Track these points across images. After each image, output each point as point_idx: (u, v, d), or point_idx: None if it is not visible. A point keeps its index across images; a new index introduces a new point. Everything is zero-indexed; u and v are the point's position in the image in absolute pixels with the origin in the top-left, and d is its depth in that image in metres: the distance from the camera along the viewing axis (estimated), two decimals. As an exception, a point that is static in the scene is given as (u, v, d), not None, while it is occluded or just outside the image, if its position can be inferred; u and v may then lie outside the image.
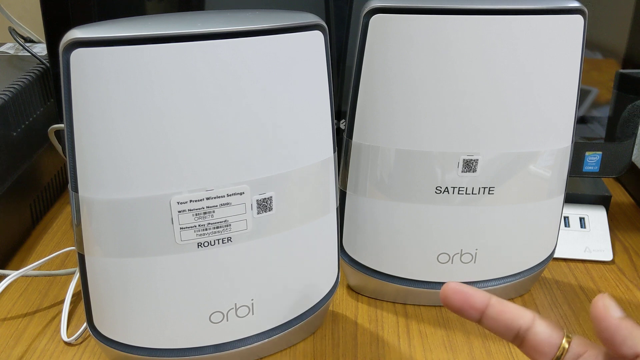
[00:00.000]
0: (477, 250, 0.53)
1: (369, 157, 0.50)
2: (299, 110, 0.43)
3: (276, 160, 0.42)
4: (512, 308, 0.32)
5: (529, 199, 0.52)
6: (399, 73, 0.47)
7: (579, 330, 0.53)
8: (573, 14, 0.47)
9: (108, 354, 0.46)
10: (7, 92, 0.62)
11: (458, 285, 0.32)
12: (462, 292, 0.32)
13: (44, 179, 0.69)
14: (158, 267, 0.42)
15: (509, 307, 0.32)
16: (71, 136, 0.38)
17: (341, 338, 0.52)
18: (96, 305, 0.44)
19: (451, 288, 0.32)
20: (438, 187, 0.50)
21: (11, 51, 0.76)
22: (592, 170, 0.65)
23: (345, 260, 0.55)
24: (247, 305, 0.46)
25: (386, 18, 0.46)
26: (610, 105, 0.63)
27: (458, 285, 0.32)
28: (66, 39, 0.36)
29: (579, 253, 0.63)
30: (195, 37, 0.38)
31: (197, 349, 0.46)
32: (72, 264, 0.60)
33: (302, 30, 0.41)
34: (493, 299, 0.32)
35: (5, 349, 0.50)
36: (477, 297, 0.32)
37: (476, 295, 0.32)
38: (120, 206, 0.40)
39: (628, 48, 0.61)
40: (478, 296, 0.32)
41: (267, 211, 0.43)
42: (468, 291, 0.32)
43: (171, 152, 0.39)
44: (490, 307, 0.32)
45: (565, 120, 0.50)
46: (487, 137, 0.49)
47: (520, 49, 0.46)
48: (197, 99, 0.39)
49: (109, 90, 0.37)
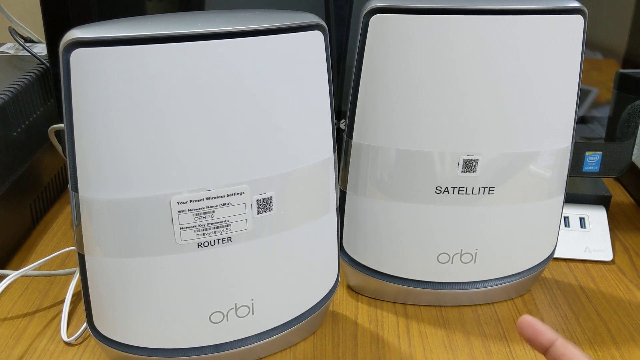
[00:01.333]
0: (477, 250, 0.53)
1: (369, 157, 0.50)
2: (299, 110, 0.43)
3: (276, 160, 0.42)
4: (572, 351, 0.36)
5: (529, 199, 0.52)
6: (399, 73, 0.47)
7: (579, 330, 0.53)
8: (573, 14, 0.47)
9: (108, 354, 0.46)
10: (7, 92, 0.62)
11: (532, 321, 0.37)
12: (534, 328, 0.37)
13: (44, 179, 0.69)
14: (158, 267, 0.42)
15: (570, 350, 0.36)
16: (71, 136, 0.38)
17: (341, 338, 0.52)
18: (96, 305, 0.44)
19: (526, 321, 0.37)
20: (438, 187, 0.50)
21: (11, 51, 0.76)
22: (592, 170, 0.65)
23: (345, 260, 0.55)
24: (247, 305, 0.46)
25: (386, 18, 0.46)
26: (610, 105, 0.63)
27: (532, 321, 0.37)
28: (66, 39, 0.36)
29: (579, 253, 0.63)
30: (195, 37, 0.38)
31: (197, 349, 0.46)
32: (72, 264, 0.60)
33: (302, 30, 0.41)
34: (559, 340, 0.36)
35: (5, 349, 0.50)
36: (544, 336, 0.37)
37: (545, 334, 0.37)
38: (120, 206, 0.40)
39: (628, 48, 0.61)
40: (546, 335, 0.37)
41: (267, 211, 0.43)
42: (539, 328, 0.37)
43: (171, 152, 0.39)
44: (554, 347, 0.36)
45: (565, 120, 0.50)
46: (487, 137, 0.49)
47: (520, 49, 0.46)
48: (197, 99, 0.39)
49: (109, 90, 0.37)
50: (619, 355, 0.50)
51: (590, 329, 0.53)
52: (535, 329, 0.37)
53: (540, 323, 0.37)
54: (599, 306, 0.56)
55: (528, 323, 0.38)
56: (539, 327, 0.37)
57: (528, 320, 0.38)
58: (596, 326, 0.54)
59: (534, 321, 0.37)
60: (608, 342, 0.52)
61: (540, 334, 0.37)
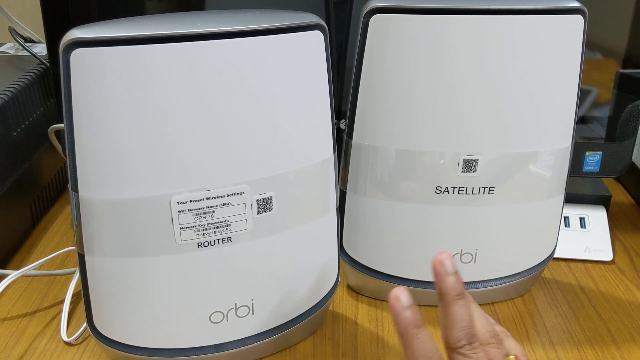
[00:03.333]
0: (477, 250, 0.53)
1: (369, 157, 0.50)
2: (299, 110, 0.43)
3: (276, 160, 0.42)
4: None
5: (529, 199, 0.52)
6: (399, 73, 0.47)
7: (579, 330, 0.53)
8: (573, 14, 0.47)
9: (108, 354, 0.46)
10: (7, 92, 0.62)
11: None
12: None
13: (44, 179, 0.69)
14: (158, 267, 0.42)
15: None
16: (71, 136, 0.38)
17: (341, 338, 0.52)
18: (96, 305, 0.44)
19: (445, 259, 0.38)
20: (438, 187, 0.50)
21: (11, 51, 0.76)
22: (592, 170, 0.65)
23: (345, 260, 0.55)
24: (247, 305, 0.46)
25: (386, 18, 0.46)
26: (610, 105, 0.63)
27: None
28: (66, 39, 0.36)
29: (579, 253, 0.63)
30: (195, 37, 0.38)
31: (197, 349, 0.46)
32: (72, 264, 0.60)
33: (302, 30, 0.41)
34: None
35: (5, 349, 0.50)
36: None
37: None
38: (120, 206, 0.40)
39: (628, 48, 0.61)
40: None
41: (267, 211, 0.43)
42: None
43: (171, 152, 0.39)
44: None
45: (565, 120, 0.50)
46: (487, 137, 0.48)
47: (520, 49, 0.46)
48: (197, 98, 0.39)
49: (109, 90, 0.37)
50: (619, 355, 0.50)
51: (590, 329, 0.53)
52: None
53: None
54: (599, 306, 0.56)
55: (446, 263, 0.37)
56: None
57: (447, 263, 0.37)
58: (596, 326, 0.54)
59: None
60: (608, 342, 0.52)
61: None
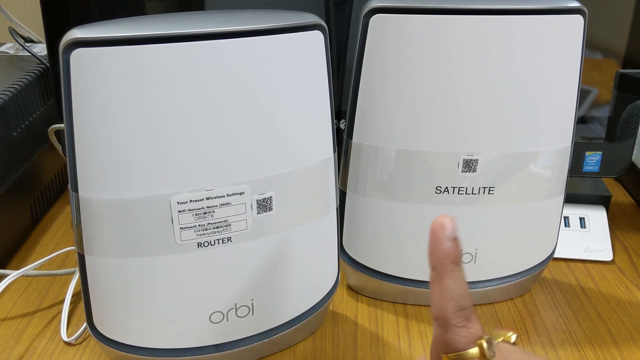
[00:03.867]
0: (477, 250, 0.53)
1: (369, 157, 0.50)
2: (299, 110, 0.43)
3: (276, 160, 0.42)
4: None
5: (529, 199, 0.52)
6: (399, 73, 0.47)
7: (579, 330, 0.53)
8: (573, 14, 0.47)
9: (108, 354, 0.46)
10: (7, 92, 0.62)
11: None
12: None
13: (44, 179, 0.69)
14: (158, 267, 0.42)
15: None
16: (71, 136, 0.38)
17: (341, 338, 0.52)
18: (96, 305, 0.44)
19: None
20: (438, 187, 0.50)
21: (11, 51, 0.76)
22: (592, 170, 0.65)
23: (345, 260, 0.55)
24: (247, 305, 0.46)
25: (386, 18, 0.46)
26: (610, 105, 0.63)
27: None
28: (66, 39, 0.36)
29: (579, 253, 0.63)
30: (195, 37, 0.38)
31: (197, 349, 0.45)
32: (72, 264, 0.60)
33: (302, 30, 0.41)
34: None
35: (5, 349, 0.50)
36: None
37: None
38: (120, 206, 0.40)
39: (628, 48, 0.61)
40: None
41: (267, 211, 0.43)
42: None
43: (171, 152, 0.39)
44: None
45: (565, 120, 0.50)
46: (487, 137, 0.48)
47: (520, 49, 0.46)
48: (197, 98, 0.39)
49: (109, 90, 0.37)
50: (619, 355, 0.50)
51: (590, 329, 0.53)
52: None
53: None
54: (599, 306, 0.56)
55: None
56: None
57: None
58: (596, 326, 0.54)
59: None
60: (608, 342, 0.52)
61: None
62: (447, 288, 0.33)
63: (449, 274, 0.33)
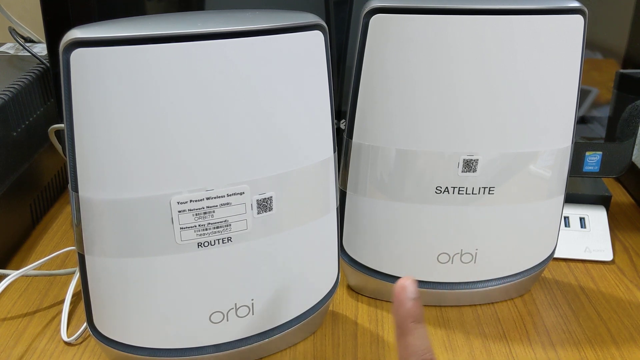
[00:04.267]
0: (477, 250, 0.53)
1: (369, 157, 0.50)
2: (299, 110, 0.43)
3: (276, 160, 0.42)
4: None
5: (529, 199, 0.52)
6: (399, 73, 0.47)
7: (579, 330, 0.53)
8: (573, 14, 0.47)
9: (108, 354, 0.46)
10: (7, 92, 0.62)
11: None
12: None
13: (44, 179, 0.69)
14: (158, 267, 0.42)
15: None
16: (71, 136, 0.38)
17: (341, 338, 0.52)
18: (96, 305, 0.44)
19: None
20: (438, 187, 0.50)
21: (11, 51, 0.76)
22: (592, 170, 0.65)
23: (345, 260, 0.55)
24: (247, 305, 0.46)
25: (386, 18, 0.46)
26: (610, 105, 0.63)
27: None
28: (66, 39, 0.36)
29: (579, 253, 0.63)
30: (195, 37, 0.38)
31: (197, 349, 0.46)
32: (72, 264, 0.60)
33: (302, 30, 0.41)
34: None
35: (5, 349, 0.50)
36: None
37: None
38: (120, 206, 0.40)
39: (628, 48, 0.61)
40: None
41: (267, 211, 0.43)
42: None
43: (171, 152, 0.39)
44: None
45: (565, 120, 0.50)
46: (487, 137, 0.48)
47: (520, 49, 0.46)
48: (196, 98, 0.39)
49: (109, 90, 0.37)
50: (619, 355, 0.50)
51: (590, 329, 0.53)
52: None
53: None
54: (599, 306, 0.56)
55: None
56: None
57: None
58: (596, 326, 0.54)
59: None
60: (608, 342, 0.52)
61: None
62: (410, 345, 0.35)
63: (412, 332, 0.35)
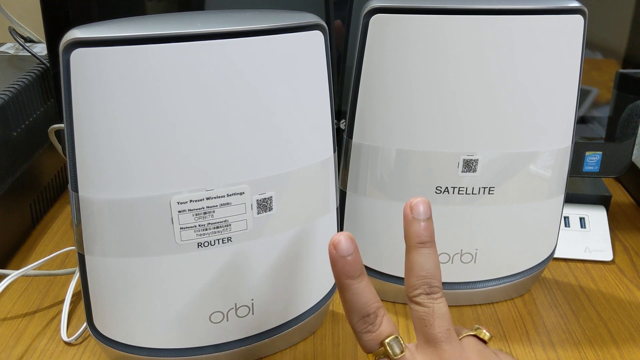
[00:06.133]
0: (477, 250, 0.53)
1: (369, 157, 0.50)
2: (299, 110, 0.43)
3: (276, 160, 0.42)
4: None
5: (529, 199, 0.52)
6: (399, 73, 0.47)
7: (579, 330, 0.53)
8: (573, 14, 0.47)
9: (108, 354, 0.46)
10: (7, 92, 0.62)
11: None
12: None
13: (44, 179, 0.69)
14: (158, 267, 0.42)
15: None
16: (71, 136, 0.38)
17: (341, 338, 0.52)
18: (96, 305, 0.44)
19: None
20: (438, 187, 0.50)
21: (11, 51, 0.76)
22: (592, 170, 0.65)
23: (345, 260, 0.55)
24: (247, 305, 0.46)
25: (386, 18, 0.46)
26: (610, 105, 0.63)
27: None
28: (66, 39, 0.36)
29: (579, 253, 0.63)
30: (195, 37, 0.38)
31: (197, 349, 0.46)
32: (72, 264, 0.60)
33: (302, 30, 0.41)
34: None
35: (5, 349, 0.50)
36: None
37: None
38: (121, 206, 0.40)
39: (628, 48, 0.61)
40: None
41: (267, 211, 0.43)
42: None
43: (171, 152, 0.39)
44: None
45: (565, 120, 0.50)
46: (487, 137, 0.49)
47: (520, 49, 0.46)
48: (197, 98, 0.39)
49: (109, 90, 0.37)
50: (619, 355, 0.50)
51: (590, 329, 0.53)
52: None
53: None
54: (599, 306, 0.56)
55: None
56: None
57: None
58: (596, 326, 0.54)
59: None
60: (608, 342, 0.52)
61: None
62: (347, 301, 0.37)
63: (347, 289, 0.36)
